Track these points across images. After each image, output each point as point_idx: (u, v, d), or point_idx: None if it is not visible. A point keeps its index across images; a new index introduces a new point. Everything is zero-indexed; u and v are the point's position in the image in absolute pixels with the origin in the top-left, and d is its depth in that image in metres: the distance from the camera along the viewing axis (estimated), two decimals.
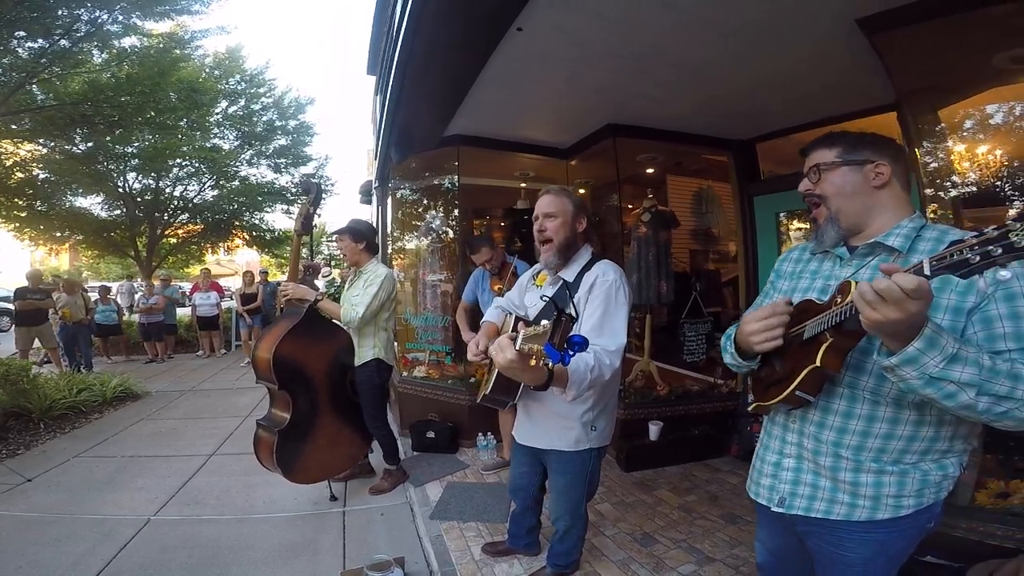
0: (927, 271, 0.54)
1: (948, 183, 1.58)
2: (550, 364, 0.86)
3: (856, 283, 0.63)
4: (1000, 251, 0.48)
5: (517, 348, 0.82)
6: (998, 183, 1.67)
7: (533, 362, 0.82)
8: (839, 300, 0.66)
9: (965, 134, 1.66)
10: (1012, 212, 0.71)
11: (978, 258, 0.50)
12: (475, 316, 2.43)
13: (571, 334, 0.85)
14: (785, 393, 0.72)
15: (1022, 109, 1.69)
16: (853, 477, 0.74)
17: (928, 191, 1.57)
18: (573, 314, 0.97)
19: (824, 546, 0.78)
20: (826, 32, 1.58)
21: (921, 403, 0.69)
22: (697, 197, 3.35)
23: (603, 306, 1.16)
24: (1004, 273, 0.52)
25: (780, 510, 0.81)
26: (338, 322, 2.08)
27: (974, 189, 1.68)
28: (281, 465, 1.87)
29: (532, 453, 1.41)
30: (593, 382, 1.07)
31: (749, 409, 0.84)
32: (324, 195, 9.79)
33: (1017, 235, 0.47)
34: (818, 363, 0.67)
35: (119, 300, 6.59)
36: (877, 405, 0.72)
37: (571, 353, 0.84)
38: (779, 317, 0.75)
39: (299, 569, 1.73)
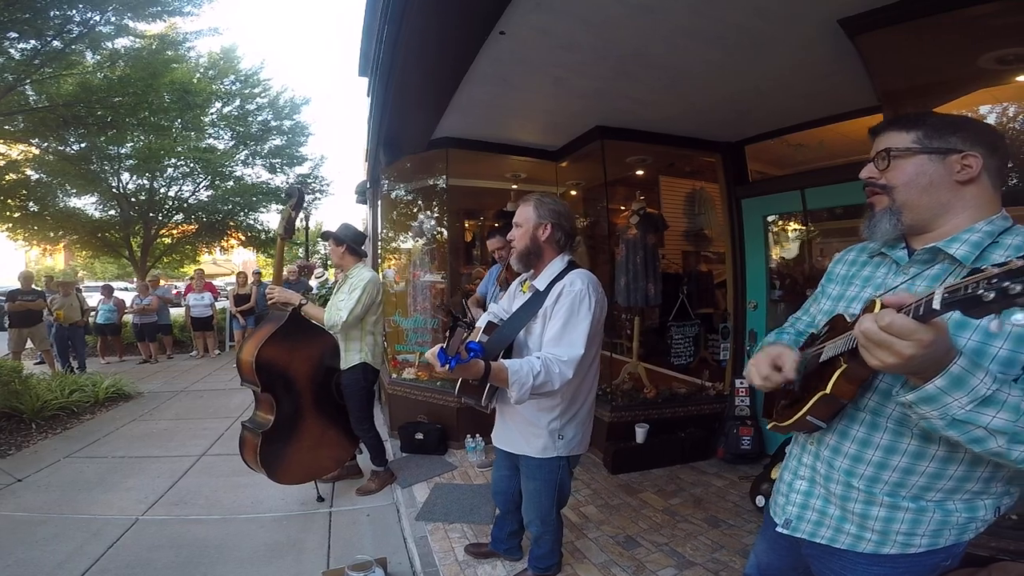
0: (936, 304, 0.44)
1: None
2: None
3: (881, 303, 0.54)
4: (1019, 288, 0.38)
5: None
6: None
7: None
8: None
9: None
10: None
11: (993, 294, 0.39)
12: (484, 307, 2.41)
13: (468, 342, 0.93)
14: (795, 418, 0.66)
15: (1010, 111, 1.70)
16: (863, 509, 0.67)
17: None
18: (469, 322, 1.00)
19: (826, 572, 0.74)
20: (811, 33, 1.58)
21: None
22: (690, 198, 3.36)
23: (565, 316, 1.17)
24: (1020, 316, 0.40)
25: (786, 531, 0.76)
26: (322, 326, 2.09)
27: None
28: (265, 466, 1.88)
29: (510, 457, 1.42)
30: (537, 388, 1.07)
31: (767, 428, 0.80)
32: (319, 195, 9.75)
33: None
34: (828, 391, 0.61)
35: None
36: (900, 436, 0.64)
37: (461, 359, 0.91)
38: (767, 383, 0.70)
39: (283, 568, 1.74)
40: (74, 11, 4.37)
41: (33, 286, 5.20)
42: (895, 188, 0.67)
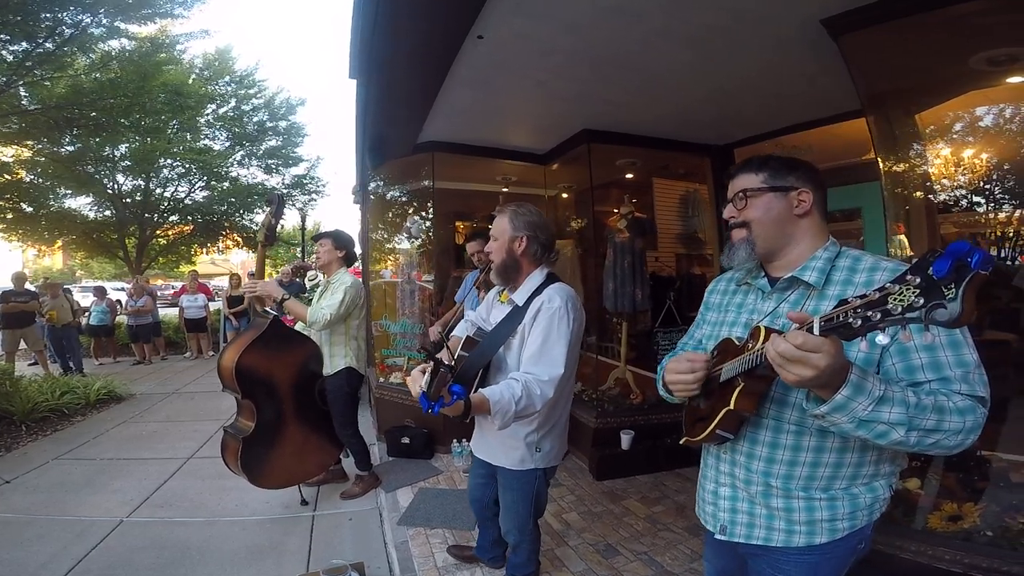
0: (816, 331, 0.53)
1: (922, 189, 1.56)
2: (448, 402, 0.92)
3: (765, 328, 0.64)
4: (879, 316, 0.47)
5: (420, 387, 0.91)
6: (975, 187, 1.64)
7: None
8: (751, 345, 0.67)
9: (941, 138, 1.64)
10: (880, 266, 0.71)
11: (859, 322, 0.48)
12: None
13: (451, 384, 0.90)
14: (706, 432, 0.74)
15: (999, 112, 1.67)
16: (785, 504, 0.75)
17: (900, 195, 1.55)
18: (451, 363, 0.97)
19: (764, 568, 0.81)
20: (789, 34, 1.55)
21: None
22: (684, 201, 3.34)
23: (544, 334, 1.15)
24: (881, 338, 0.48)
25: (723, 537, 0.82)
26: (303, 324, 2.06)
27: (951, 194, 1.66)
28: (246, 471, 1.88)
29: (487, 465, 1.41)
30: (520, 412, 1.06)
31: (680, 443, 0.85)
32: (315, 196, 9.68)
33: (895, 300, 0.45)
34: (732, 406, 0.69)
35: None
36: (801, 435, 0.73)
37: (444, 402, 0.88)
38: (696, 375, 0.76)
39: (263, 571, 1.75)
40: (65, 13, 4.38)
41: (26, 286, 5.20)
42: (751, 223, 0.79)
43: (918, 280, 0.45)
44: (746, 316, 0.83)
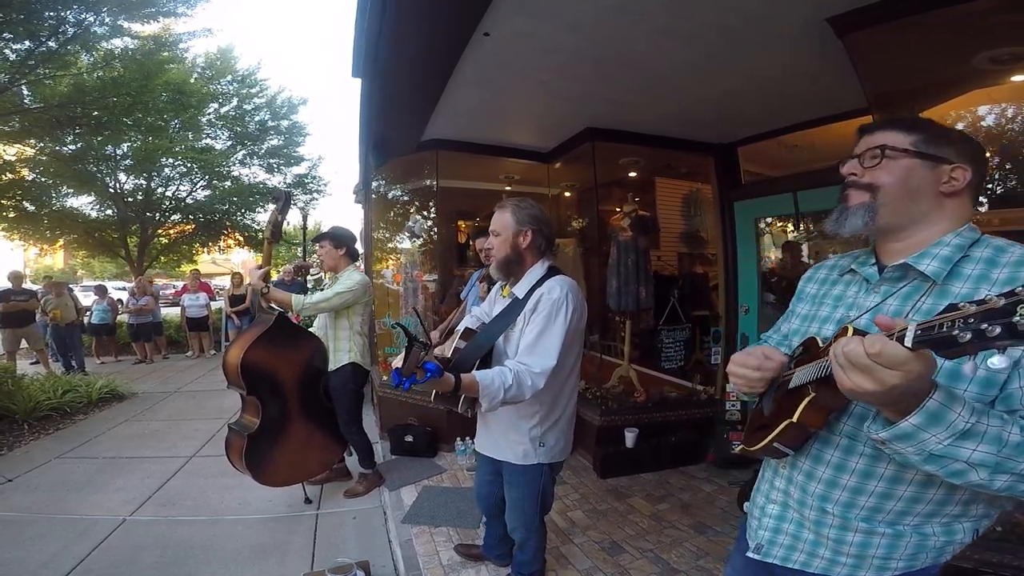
0: (909, 342, 0.42)
1: None
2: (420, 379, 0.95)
3: (852, 329, 0.52)
4: (998, 331, 0.35)
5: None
6: (985, 188, 1.65)
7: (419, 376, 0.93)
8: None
9: None
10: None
11: (968, 335, 0.37)
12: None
13: (425, 361, 0.91)
14: (763, 443, 0.64)
15: (1001, 112, 1.67)
16: (838, 535, 0.65)
17: None
18: (426, 341, 0.97)
19: None
20: (793, 32, 1.56)
21: None
22: (686, 200, 3.35)
23: (541, 325, 1.15)
24: (997, 361, 0.37)
25: (756, 556, 0.74)
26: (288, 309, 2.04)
27: None
28: (250, 468, 1.88)
29: (492, 462, 1.41)
30: (508, 400, 1.09)
31: (736, 451, 0.77)
32: (317, 196, 9.69)
33: None
34: (795, 419, 0.59)
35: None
36: (877, 461, 0.61)
37: (416, 379, 0.90)
38: (760, 374, 0.66)
39: (266, 570, 1.74)
40: (68, 12, 4.39)
41: (24, 285, 5.18)
42: (881, 187, 0.64)
43: None
44: (842, 312, 0.68)
